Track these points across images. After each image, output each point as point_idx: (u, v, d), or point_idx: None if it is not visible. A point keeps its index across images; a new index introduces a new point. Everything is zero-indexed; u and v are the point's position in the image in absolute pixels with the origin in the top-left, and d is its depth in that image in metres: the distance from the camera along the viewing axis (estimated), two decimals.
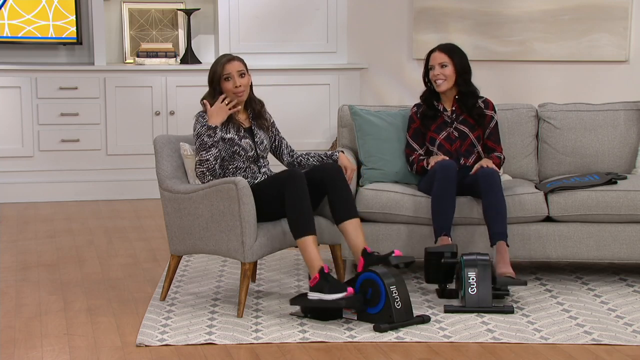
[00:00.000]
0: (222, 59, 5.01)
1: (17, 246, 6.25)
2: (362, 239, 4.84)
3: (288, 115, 7.48)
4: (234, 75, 4.96)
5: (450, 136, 5.40)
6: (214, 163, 4.87)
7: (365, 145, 5.56)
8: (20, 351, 4.35)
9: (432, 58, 5.41)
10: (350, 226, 4.84)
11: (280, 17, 8.00)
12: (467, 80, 5.41)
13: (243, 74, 4.99)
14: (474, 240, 5.24)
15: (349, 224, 4.84)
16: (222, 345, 4.39)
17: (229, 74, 4.96)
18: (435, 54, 5.41)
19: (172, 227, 4.96)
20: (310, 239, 4.67)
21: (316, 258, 4.65)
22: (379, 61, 8.09)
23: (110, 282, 5.43)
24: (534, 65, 7.70)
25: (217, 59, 5.06)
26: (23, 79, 7.61)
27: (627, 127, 5.72)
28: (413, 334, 4.51)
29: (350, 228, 4.84)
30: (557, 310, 4.85)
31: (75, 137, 7.70)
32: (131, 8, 8.02)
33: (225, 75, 4.96)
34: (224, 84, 4.96)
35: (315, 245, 4.68)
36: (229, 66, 4.97)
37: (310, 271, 4.68)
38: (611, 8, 7.42)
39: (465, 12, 7.74)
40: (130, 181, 7.77)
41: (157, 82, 7.79)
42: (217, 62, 5.01)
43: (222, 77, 4.96)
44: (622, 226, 5.28)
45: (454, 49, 5.44)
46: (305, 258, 4.68)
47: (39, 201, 7.63)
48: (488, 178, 5.11)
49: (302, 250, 4.70)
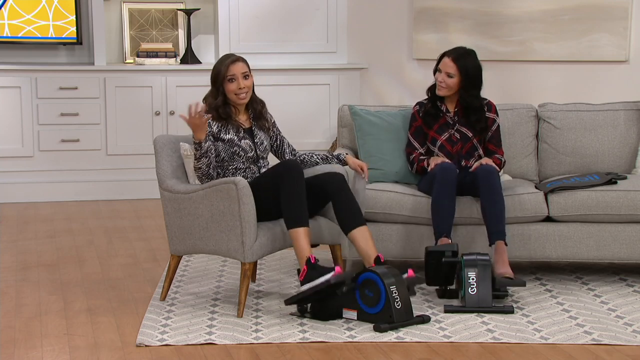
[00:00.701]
0: (226, 60, 4.98)
1: (17, 246, 6.25)
2: (372, 247, 4.82)
3: (288, 115, 7.48)
4: (238, 77, 4.94)
5: (451, 138, 5.40)
6: (207, 170, 4.86)
7: (365, 145, 5.56)
8: (20, 351, 4.34)
9: (443, 62, 5.32)
10: (358, 234, 4.83)
11: (280, 17, 8.00)
12: (471, 95, 5.32)
13: (247, 75, 4.98)
14: (474, 240, 5.24)
15: (356, 232, 4.83)
16: (222, 345, 4.39)
17: (234, 75, 4.94)
18: (446, 59, 5.30)
19: (172, 227, 4.96)
20: (302, 230, 4.67)
21: (305, 249, 4.65)
22: (379, 61, 8.09)
23: (110, 282, 5.43)
24: (534, 65, 7.69)
25: (221, 58, 5.03)
26: (23, 79, 7.61)
27: (627, 127, 5.72)
28: (413, 334, 4.51)
29: (359, 236, 4.83)
30: (557, 310, 4.85)
31: (75, 137, 7.70)
32: (131, 8, 8.02)
33: (230, 77, 4.94)
34: (228, 85, 4.95)
35: (306, 237, 4.67)
36: (233, 67, 4.95)
37: (299, 263, 4.68)
38: (611, 8, 7.42)
39: (465, 12, 7.74)
40: (130, 181, 7.77)
41: (157, 82, 7.79)
42: (222, 62, 4.98)
43: (225, 77, 4.94)
44: (622, 226, 5.28)
45: (467, 62, 5.27)
46: (296, 250, 4.70)
47: (39, 201, 7.63)
48: (487, 176, 5.10)
49: (293, 241, 4.71)
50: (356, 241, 4.83)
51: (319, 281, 4.57)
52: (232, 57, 5.00)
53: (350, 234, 4.85)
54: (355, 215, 4.85)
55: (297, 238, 4.68)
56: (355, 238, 4.83)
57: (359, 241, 4.82)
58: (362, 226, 4.84)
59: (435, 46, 7.47)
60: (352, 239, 4.85)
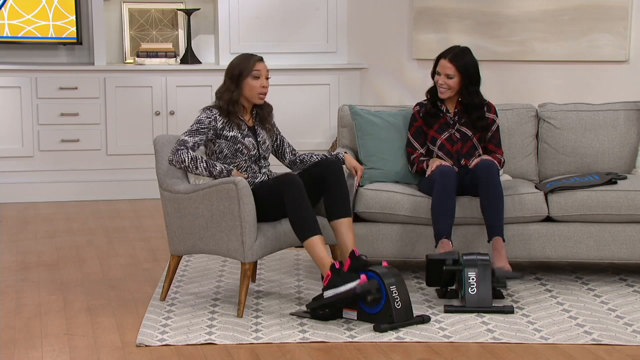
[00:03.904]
0: (252, 57, 4.97)
1: (17, 246, 6.25)
2: (352, 239, 4.85)
3: (288, 115, 7.48)
4: (263, 75, 4.96)
5: (452, 137, 5.40)
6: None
7: (365, 145, 5.56)
8: (20, 351, 4.34)
9: (440, 65, 5.34)
10: (343, 225, 4.85)
11: (280, 17, 8.00)
12: (472, 92, 5.34)
13: (268, 77, 4.99)
14: (474, 240, 5.24)
15: (342, 222, 4.85)
16: (222, 345, 4.39)
17: (259, 71, 4.94)
18: (444, 61, 5.31)
19: (172, 227, 4.96)
20: (316, 239, 4.68)
21: (325, 256, 4.66)
22: (379, 61, 8.09)
23: (110, 282, 5.43)
24: (534, 65, 7.70)
25: (243, 56, 5.00)
26: (23, 79, 7.61)
27: (627, 127, 5.72)
28: (413, 334, 4.51)
29: (343, 227, 4.85)
30: (557, 310, 4.85)
31: (75, 137, 7.70)
32: (131, 8, 8.02)
33: (256, 73, 4.93)
34: (251, 81, 4.93)
35: (322, 244, 4.68)
36: (260, 65, 4.95)
37: (321, 270, 4.68)
38: (611, 8, 7.42)
39: (465, 12, 7.74)
40: (130, 181, 7.77)
41: (157, 82, 7.79)
42: (247, 59, 4.96)
43: (251, 73, 4.92)
44: (622, 226, 5.28)
45: (464, 61, 5.30)
46: (315, 259, 4.68)
47: (39, 201, 7.63)
48: (486, 170, 5.10)
49: (310, 252, 4.70)
50: (338, 231, 4.85)
51: (344, 288, 4.55)
52: (257, 56, 5.00)
53: (334, 222, 4.86)
54: (343, 204, 4.87)
55: (312, 247, 4.67)
56: (338, 228, 4.85)
57: (341, 232, 4.85)
58: (348, 217, 4.87)
59: (435, 46, 7.47)
60: (335, 227, 4.87)
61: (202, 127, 4.89)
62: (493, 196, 5.06)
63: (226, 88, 4.97)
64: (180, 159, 4.81)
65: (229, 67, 4.99)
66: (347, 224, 4.86)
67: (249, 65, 4.94)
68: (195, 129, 4.89)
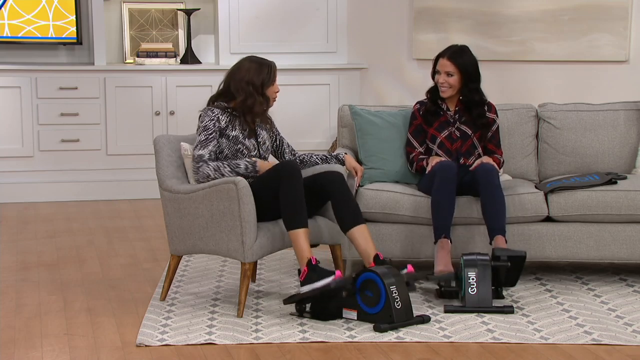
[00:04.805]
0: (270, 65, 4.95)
1: (17, 246, 6.25)
2: (371, 245, 4.83)
3: (288, 115, 7.48)
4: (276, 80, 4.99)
5: (451, 135, 5.40)
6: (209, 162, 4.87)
7: (365, 145, 5.56)
8: (20, 351, 4.34)
9: (440, 63, 5.35)
10: (357, 233, 4.84)
11: (281, 17, 8.00)
12: (472, 90, 5.35)
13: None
14: (474, 240, 5.24)
15: (355, 231, 4.84)
16: (222, 345, 4.39)
17: (275, 78, 4.98)
18: (443, 60, 5.33)
19: (172, 227, 4.96)
20: (301, 232, 4.68)
21: (305, 250, 4.66)
22: (379, 61, 8.09)
23: (110, 282, 5.43)
24: (534, 65, 7.69)
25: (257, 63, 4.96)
26: (23, 79, 7.61)
27: (627, 127, 5.72)
28: (413, 334, 4.51)
29: (358, 235, 4.83)
30: (557, 310, 4.85)
31: (75, 137, 7.70)
32: (131, 8, 8.02)
33: (274, 79, 4.97)
34: (271, 87, 4.96)
35: (306, 238, 4.68)
36: (276, 71, 4.98)
37: (300, 263, 4.69)
38: (611, 8, 7.42)
39: (465, 12, 7.74)
40: (130, 181, 7.77)
41: (157, 82, 7.79)
42: (267, 65, 4.94)
43: (272, 79, 4.94)
44: (622, 226, 5.28)
45: (463, 59, 5.31)
46: (296, 250, 4.71)
47: (39, 201, 7.63)
48: (486, 174, 5.10)
49: (292, 242, 4.72)
50: (355, 240, 4.84)
51: (319, 284, 4.58)
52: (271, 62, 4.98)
53: (349, 232, 4.85)
54: (354, 213, 4.86)
55: (296, 239, 4.68)
56: (355, 237, 4.84)
57: (358, 240, 4.83)
58: (362, 225, 4.85)
59: (435, 46, 7.46)
60: (351, 237, 4.86)
61: (210, 133, 4.90)
62: (495, 201, 5.06)
63: (254, 100, 4.90)
64: (204, 174, 4.83)
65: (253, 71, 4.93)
66: (361, 231, 4.84)
67: (272, 73, 4.94)
68: (204, 139, 4.89)
